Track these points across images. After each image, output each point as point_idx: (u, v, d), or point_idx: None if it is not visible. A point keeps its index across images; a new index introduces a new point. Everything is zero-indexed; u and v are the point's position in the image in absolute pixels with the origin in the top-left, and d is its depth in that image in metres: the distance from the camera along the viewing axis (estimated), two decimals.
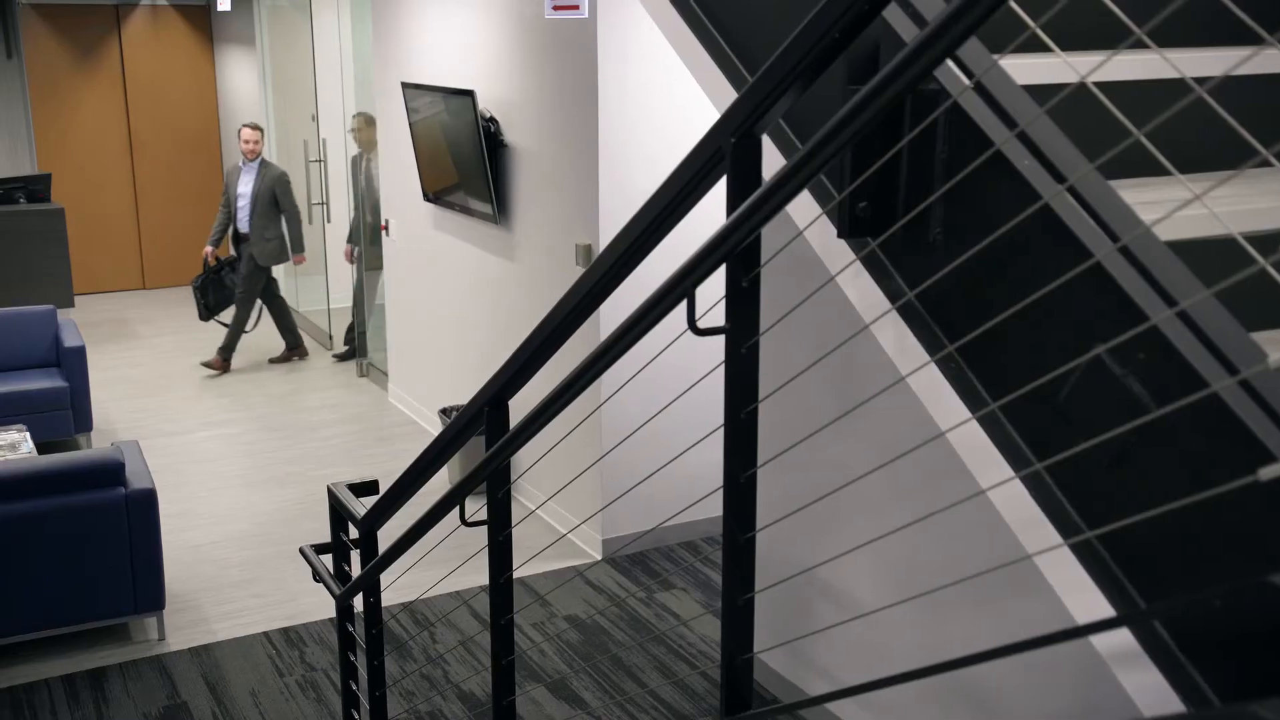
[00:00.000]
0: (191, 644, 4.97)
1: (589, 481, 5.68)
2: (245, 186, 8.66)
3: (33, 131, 10.82)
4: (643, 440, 5.47)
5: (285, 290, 10.65)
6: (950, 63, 1.74)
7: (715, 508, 5.79)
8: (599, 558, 5.74)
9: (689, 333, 2.30)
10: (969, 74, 1.63)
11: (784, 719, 4.26)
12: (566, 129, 5.58)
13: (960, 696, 3.26)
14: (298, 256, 8.89)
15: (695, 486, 5.69)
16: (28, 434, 6.00)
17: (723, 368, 1.90)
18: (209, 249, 8.90)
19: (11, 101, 10.71)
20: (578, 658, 4.87)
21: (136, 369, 9.05)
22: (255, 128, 8.61)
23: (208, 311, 8.97)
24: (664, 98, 5.44)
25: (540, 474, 6.10)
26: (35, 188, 9.71)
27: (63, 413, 6.96)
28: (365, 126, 8.32)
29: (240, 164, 8.70)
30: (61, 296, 9.54)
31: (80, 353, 7.09)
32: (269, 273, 8.95)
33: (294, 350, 9.26)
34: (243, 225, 8.73)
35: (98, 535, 4.78)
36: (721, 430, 2.25)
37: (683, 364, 5.13)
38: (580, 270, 5.59)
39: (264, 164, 8.67)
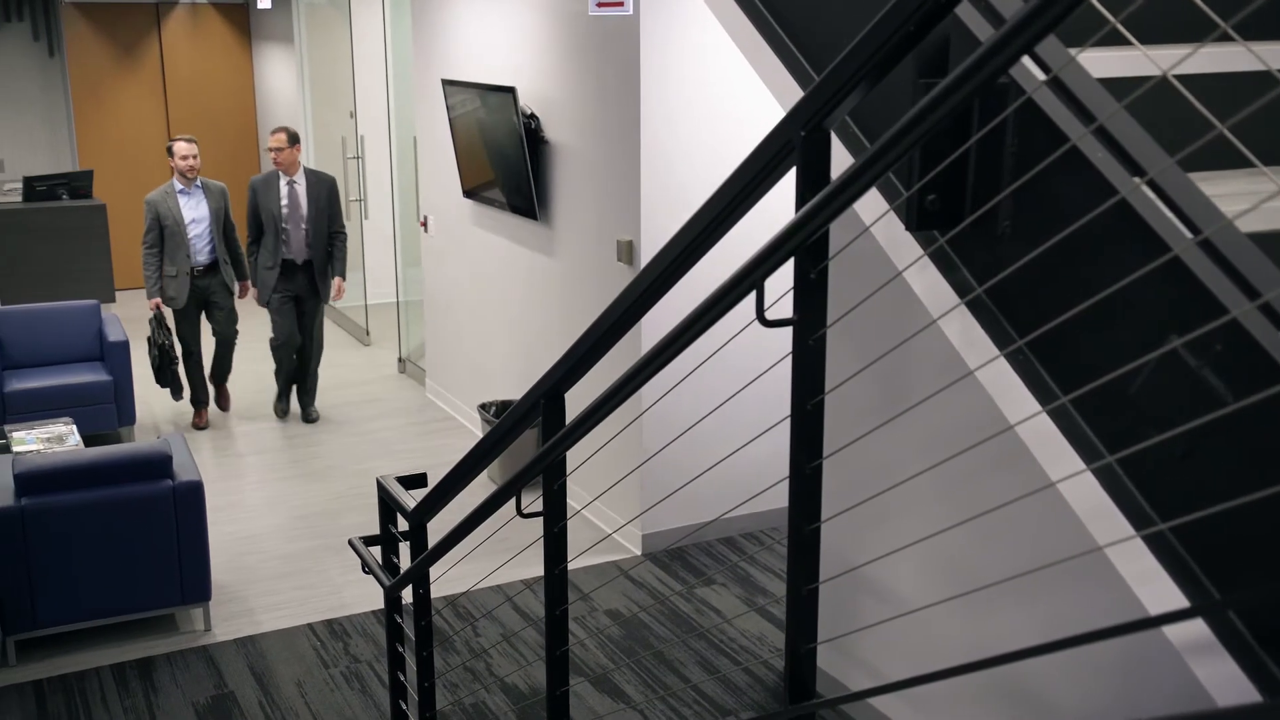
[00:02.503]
0: (237, 635, 5.02)
1: (630, 477, 5.70)
2: (197, 210, 7.27)
3: (74, 128, 10.94)
4: (683, 437, 5.49)
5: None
6: (1024, 57, 1.75)
7: (757, 504, 5.80)
8: (639, 553, 5.77)
9: (727, 331, 2.33)
10: (1045, 68, 1.64)
11: (831, 714, 4.28)
12: (608, 125, 5.60)
13: (1011, 695, 3.26)
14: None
15: (736, 483, 5.70)
16: (74, 427, 6.07)
17: (757, 362, 1.92)
18: (158, 300, 7.33)
19: (53, 99, 10.83)
20: (620, 652, 4.89)
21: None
22: (191, 141, 7.34)
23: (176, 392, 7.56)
24: (707, 94, 5.45)
25: (581, 470, 6.13)
26: (77, 184, 9.82)
27: (107, 406, 7.04)
28: (287, 146, 7.24)
29: (177, 186, 7.28)
30: (103, 291, 9.65)
31: (124, 347, 7.17)
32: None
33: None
34: (203, 256, 7.33)
35: (145, 527, 4.83)
36: (763, 425, 2.27)
37: (726, 361, 5.16)
38: (622, 266, 5.62)
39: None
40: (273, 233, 7.29)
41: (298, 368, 7.69)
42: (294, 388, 7.82)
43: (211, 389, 7.80)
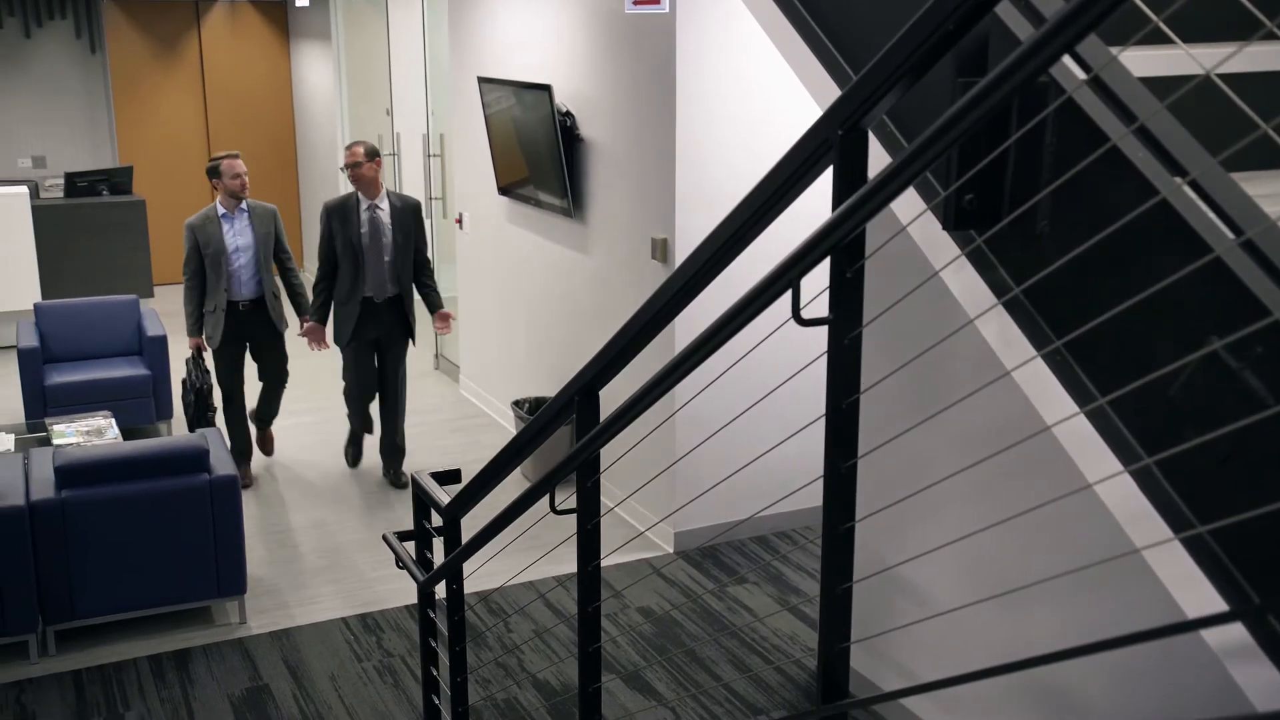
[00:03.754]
0: (272, 628, 5.06)
1: (662, 475, 5.70)
2: (241, 236, 6.35)
3: (115, 125, 11.06)
4: (716, 436, 5.48)
5: None
6: (1064, 56, 1.74)
7: (788, 503, 5.79)
8: (671, 551, 5.77)
9: (757, 330, 2.32)
10: (1086, 67, 1.63)
11: (864, 714, 4.26)
12: (643, 123, 5.61)
13: (1046, 699, 3.24)
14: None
15: (768, 482, 5.69)
16: (113, 420, 6.14)
17: (790, 361, 1.91)
18: (199, 339, 6.46)
19: (94, 96, 10.95)
20: (651, 649, 4.90)
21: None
22: (238, 156, 6.45)
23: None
24: (742, 92, 5.45)
25: (613, 468, 6.13)
26: (117, 180, 9.92)
27: (145, 400, 7.12)
28: (365, 161, 6.23)
29: (219, 209, 6.34)
30: (142, 286, 9.74)
31: (162, 342, 7.24)
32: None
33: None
34: (246, 289, 6.38)
35: (182, 520, 4.88)
36: (796, 425, 2.27)
37: (759, 361, 5.15)
38: (656, 264, 5.62)
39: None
40: (350, 266, 6.21)
41: (383, 426, 6.65)
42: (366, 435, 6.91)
43: (253, 429, 6.88)
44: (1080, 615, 2.76)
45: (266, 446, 6.96)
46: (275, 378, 6.65)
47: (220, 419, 6.68)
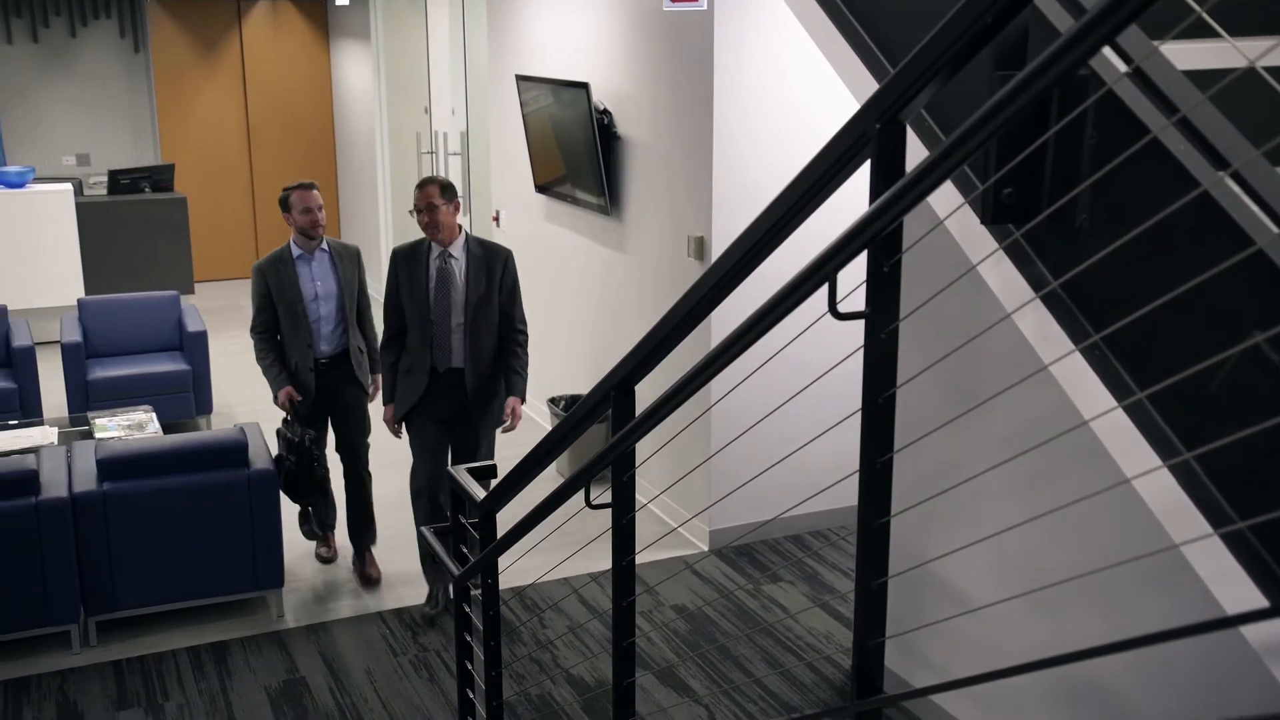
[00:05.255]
0: (309, 621, 5.10)
1: (696, 472, 5.71)
2: (325, 282, 5.30)
3: (157, 123, 11.18)
4: (749, 430, 5.48)
5: None
6: (1105, 48, 1.73)
7: (823, 502, 5.77)
8: (706, 549, 5.77)
9: (788, 330, 2.31)
10: (1127, 59, 1.62)
11: (898, 714, 4.25)
12: (681, 121, 5.61)
13: (1083, 698, 3.22)
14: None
15: (803, 480, 5.67)
16: (154, 414, 6.21)
17: (824, 359, 1.90)
18: (289, 389, 5.31)
19: (137, 94, 11.07)
20: (685, 646, 4.90)
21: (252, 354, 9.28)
22: (313, 187, 5.30)
23: (321, 527, 5.57)
24: (780, 90, 5.44)
25: (648, 466, 6.14)
26: (159, 177, 10.02)
27: (185, 395, 7.19)
28: (442, 204, 4.87)
29: (294, 250, 5.28)
30: (183, 283, 9.84)
31: (202, 337, 7.32)
32: None
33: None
34: (329, 344, 5.33)
35: (221, 513, 4.93)
36: (830, 423, 2.26)
37: (793, 358, 5.14)
38: (693, 262, 5.62)
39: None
40: (416, 327, 4.96)
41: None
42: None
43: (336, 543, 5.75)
44: (1119, 614, 2.73)
45: (370, 570, 5.49)
46: (354, 445, 5.47)
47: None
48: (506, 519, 3.47)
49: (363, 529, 5.55)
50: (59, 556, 4.68)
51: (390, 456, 6.07)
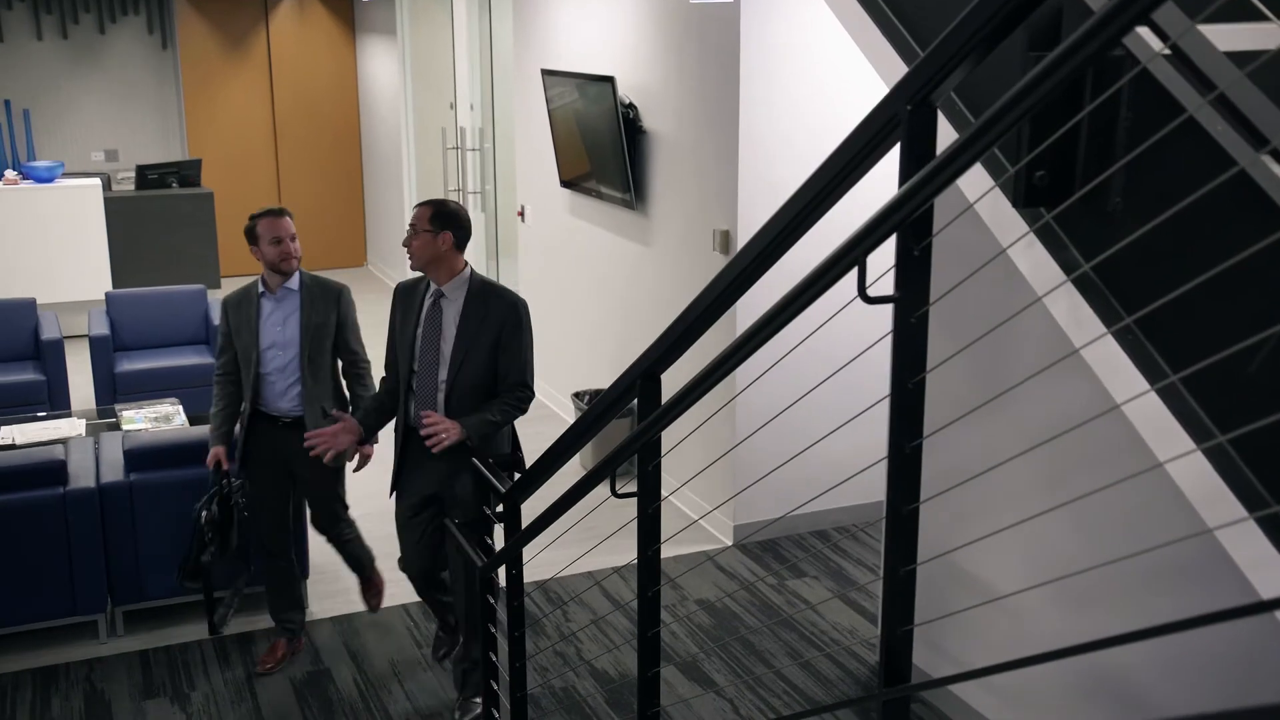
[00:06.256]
0: (334, 613, 5.11)
1: (720, 465, 5.69)
2: (283, 327, 4.45)
3: (184, 119, 11.24)
4: (774, 424, 5.46)
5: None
6: (1140, 27, 1.70)
7: (847, 497, 5.75)
8: (729, 543, 5.75)
9: (810, 321, 2.29)
10: (1163, 36, 1.60)
11: (925, 711, 4.22)
12: (707, 115, 5.59)
13: (1115, 694, 3.19)
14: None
15: (827, 475, 5.65)
16: (180, 407, 6.23)
17: (849, 351, 1.88)
18: (219, 451, 4.51)
19: (165, 90, 11.14)
20: (709, 640, 4.88)
21: None
22: (283, 215, 4.52)
23: (221, 617, 4.72)
24: (807, 83, 5.42)
25: (671, 458, 6.12)
26: (187, 172, 10.08)
27: (210, 388, 7.20)
28: (430, 229, 4.03)
29: (259, 287, 4.50)
30: (209, 277, 9.89)
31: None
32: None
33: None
34: (285, 400, 4.47)
35: None
36: (851, 414, 2.24)
37: (817, 350, 5.13)
38: (718, 256, 5.60)
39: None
40: (401, 378, 4.21)
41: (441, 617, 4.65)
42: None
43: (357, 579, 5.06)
44: (1151, 607, 2.71)
45: (373, 598, 5.03)
46: (332, 533, 4.78)
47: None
48: (531, 514, 3.46)
49: (355, 567, 4.96)
50: (86, 547, 4.71)
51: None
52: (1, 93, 10.62)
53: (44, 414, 6.21)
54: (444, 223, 4.04)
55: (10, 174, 9.34)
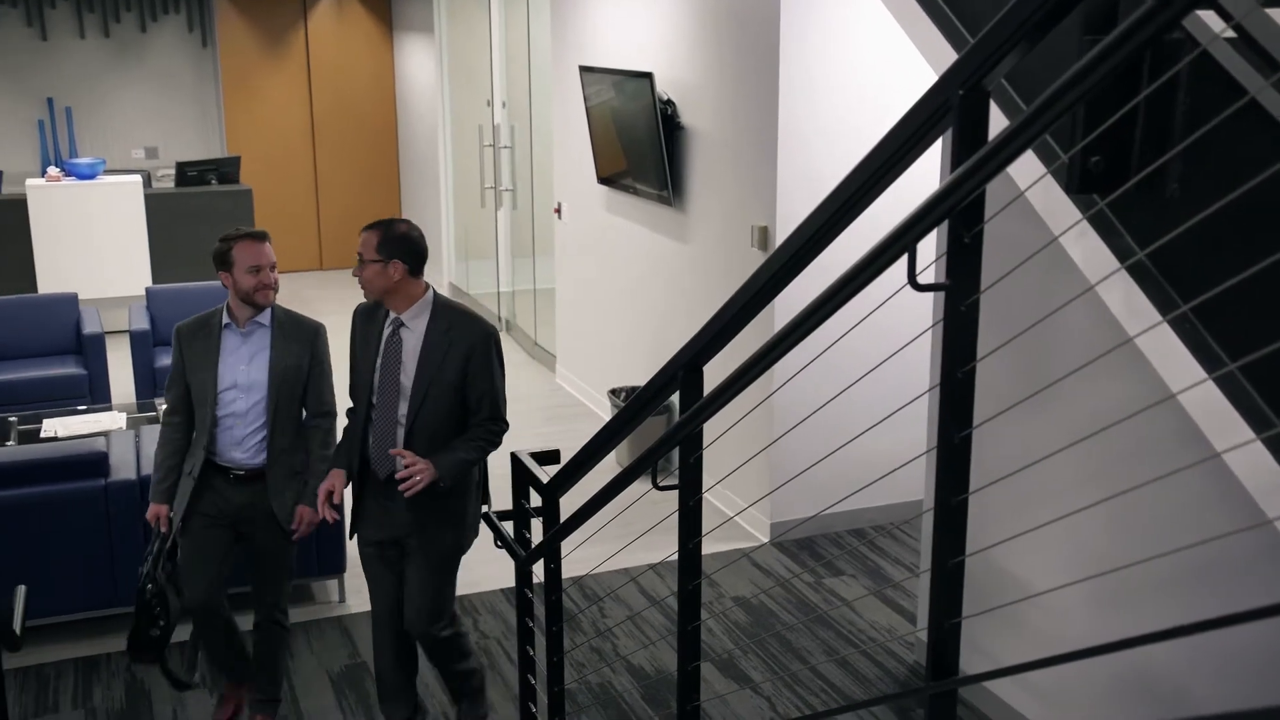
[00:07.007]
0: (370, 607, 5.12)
1: (756, 462, 5.66)
2: (250, 367, 3.91)
3: (223, 116, 11.32)
4: (810, 421, 5.43)
5: (455, 275, 10.92)
6: (1199, 10, 1.67)
7: (885, 496, 5.70)
8: (766, 541, 5.73)
9: (849, 316, 2.27)
10: (1226, 17, 1.57)
11: (965, 712, 4.18)
12: (745, 111, 5.57)
13: (1151, 695, 3.15)
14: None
15: (866, 474, 5.62)
16: None
17: (890, 348, 1.85)
18: (161, 509, 3.95)
19: (205, 88, 11.23)
20: (745, 637, 4.86)
21: None
22: (262, 239, 3.98)
23: (185, 671, 4.17)
24: (846, 77, 5.38)
25: (707, 453, 6.10)
26: (226, 170, 10.14)
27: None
28: (376, 254, 3.65)
29: (223, 318, 3.94)
30: None
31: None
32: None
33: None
34: (244, 451, 3.93)
35: None
36: (889, 409, 2.22)
37: (856, 346, 5.10)
38: (756, 252, 5.58)
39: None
40: (358, 413, 3.84)
41: (402, 667, 4.08)
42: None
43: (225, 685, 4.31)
44: (1203, 602, 2.67)
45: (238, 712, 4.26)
46: (270, 603, 4.11)
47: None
48: (569, 509, 3.45)
49: (261, 684, 4.19)
50: (127, 538, 4.74)
51: None
52: (45, 90, 10.74)
53: (85, 407, 6.26)
54: (392, 249, 3.64)
55: (53, 171, 9.44)
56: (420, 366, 3.68)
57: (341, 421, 4.04)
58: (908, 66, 5.26)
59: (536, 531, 3.70)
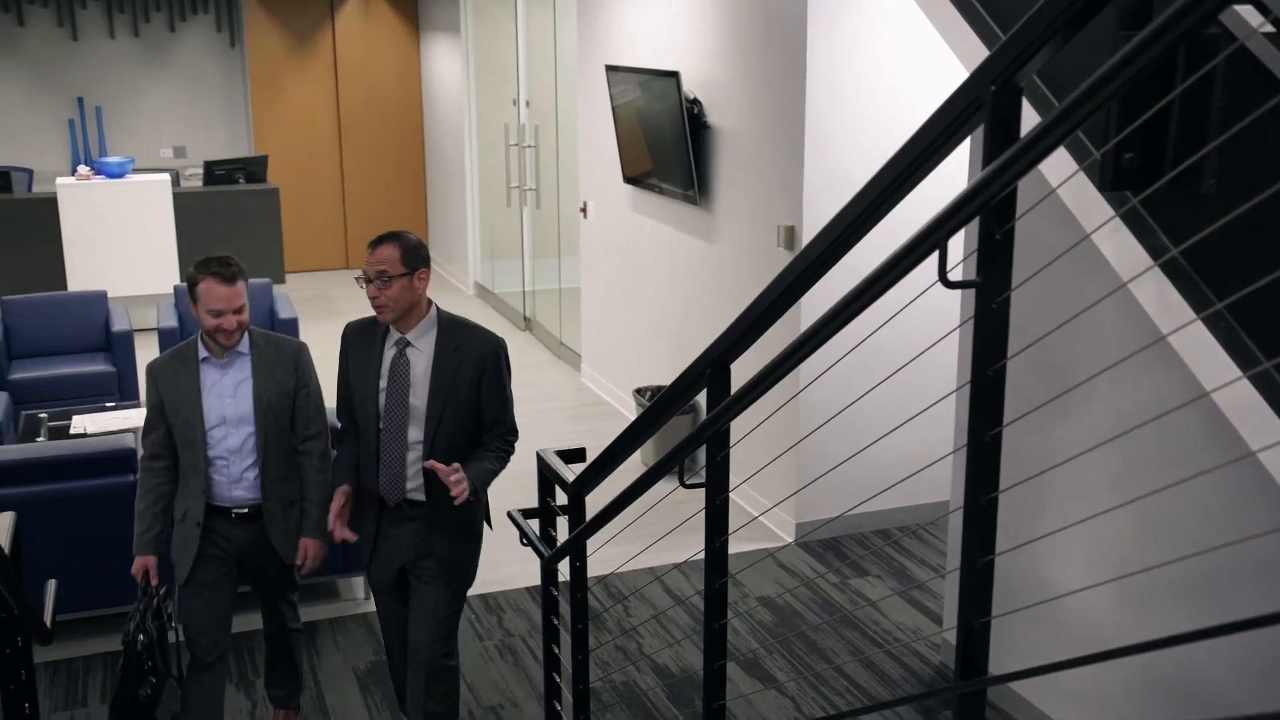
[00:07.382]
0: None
1: (782, 462, 5.65)
2: (235, 399, 3.66)
3: (251, 116, 11.39)
4: (835, 421, 5.42)
5: (480, 274, 10.95)
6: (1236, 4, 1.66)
7: (910, 497, 5.68)
8: (791, 541, 5.71)
9: (875, 315, 2.26)
10: (1264, 10, 1.55)
11: (991, 713, 4.16)
12: (772, 110, 5.56)
13: (1181, 698, 3.12)
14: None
15: (890, 475, 5.60)
16: None
17: (915, 348, 1.85)
18: (149, 561, 3.76)
19: (233, 87, 11.29)
20: (770, 637, 4.85)
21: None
22: (231, 278, 3.72)
23: None
24: (874, 76, 5.37)
25: (733, 452, 6.08)
26: (253, 169, 10.20)
27: None
28: (402, 266, 3.49)
29: (201, 351, 3.69)
30: (274, 271, 10.00)
31: (293, 325, 7.43)
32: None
33: None
34: (241, 488, 3.70)
35: None
36: (921, 418, 2.20)
37: (876, 346, 5.08)
38: (782, 252, 5.57)
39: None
40: (362, 441, 3.67)
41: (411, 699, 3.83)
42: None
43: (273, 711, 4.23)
44: (1235, 603, 2.64)
45: None
46: (282, 629, 4.07)
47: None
48: (595, 508, 3.44)
49: (281, 681, 4.16)
50: None
51: None
52: (75, 90, 10.83)
53: (114, 404, 6.30)
54: (414, 259, 3.50)
55: (83, 169, 9.51)
56: (434, 389, 3.53)
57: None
58: (935, 66, 5.24)
59: (562, 530, 3.70)
